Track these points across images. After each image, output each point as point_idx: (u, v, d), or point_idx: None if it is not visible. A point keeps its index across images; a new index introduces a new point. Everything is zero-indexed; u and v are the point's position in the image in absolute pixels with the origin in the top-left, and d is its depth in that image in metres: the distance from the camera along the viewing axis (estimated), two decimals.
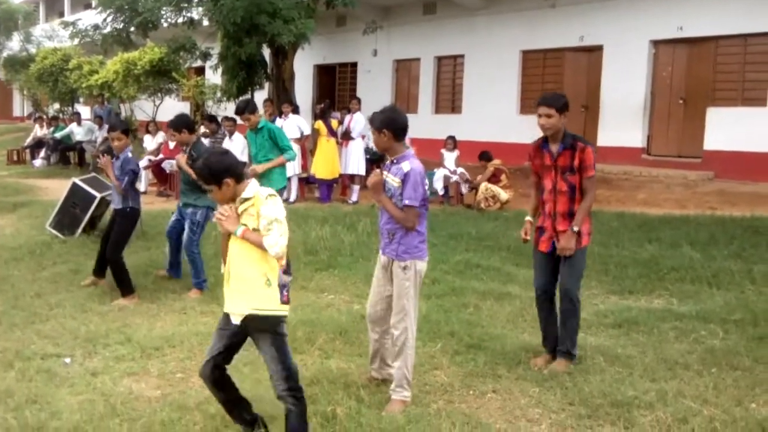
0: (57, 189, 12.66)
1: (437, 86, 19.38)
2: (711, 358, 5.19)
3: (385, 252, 4.43)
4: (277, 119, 13.44)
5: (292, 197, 13.11)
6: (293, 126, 12.85)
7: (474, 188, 12.50)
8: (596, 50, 15.62)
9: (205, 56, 18.99)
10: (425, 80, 19.47)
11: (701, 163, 13.85)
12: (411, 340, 4.40)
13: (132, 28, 18.00)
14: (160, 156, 14.67)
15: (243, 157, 13.27)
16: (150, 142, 15.86)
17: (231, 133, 12.97)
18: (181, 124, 7.12)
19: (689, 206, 11.51)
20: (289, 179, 13.09)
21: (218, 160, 3.69)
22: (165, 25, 18.27)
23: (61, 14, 34.96)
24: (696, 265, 7.77)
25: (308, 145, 13.98)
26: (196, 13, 18.08)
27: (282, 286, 3.71)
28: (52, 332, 5.78)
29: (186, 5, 17.56)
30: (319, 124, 13.34)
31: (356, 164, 13.20)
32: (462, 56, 18.52)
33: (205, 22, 18.37)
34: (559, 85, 16.52)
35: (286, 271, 3.77)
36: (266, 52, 17.75)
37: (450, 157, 13.23)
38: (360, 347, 5.41)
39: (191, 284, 7.19)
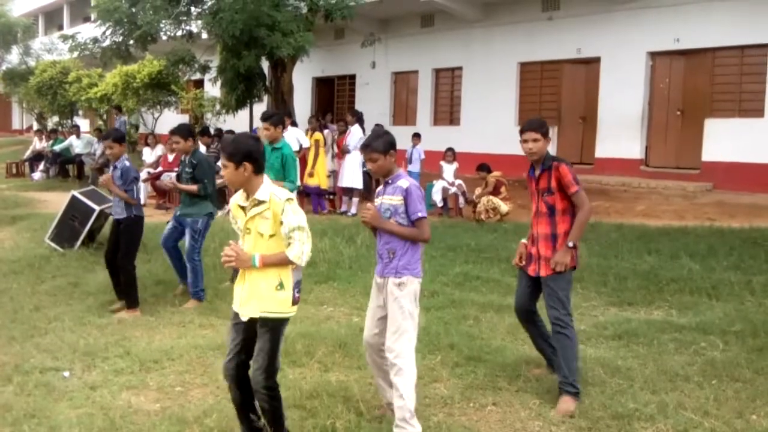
0: (56, 202, 12.67)
1: (435, 98, 19.44)
2: (711, 369, 5.18)
3: (384, 273, 4.26)
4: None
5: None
6: (292, 139, 12.85)
7: (471, 202, 12.51)
8: (594, 62, 15.68)
9: (204, 69, 19.05)
10: (423, 92, 19.52)
11: (699, 174, 13.88)
12: (409, 365, 4.08)
13: (131, 41, 18.02)
14: (159, 169, 14.67)
15: None
16: (149, 154, 15.88)
17: None
18: (186, 131, 7.19)
19: (688, 217, 11.53)
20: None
21: (246, 142, 3.69)
22: (164, 38, 18.32)
23: (60, 27, 35.08)
24: (695, 277, 7.77)
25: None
26: (195, 26, 18.14)
27: (295, 286, 3.73)
28: (50, 346, 5.76)
29: (185, 18, 17.62)
30: (319, 135, 13.41)
31: (352, 177, 13.22)
32: (460, 68, 18.58)
33: (204, 35, 18.43)
34: (557, 96, 16.59)
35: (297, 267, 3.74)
36: (265, 65, 17.81)
37: (449, 169, 13.25)
38: (359, 360, 5.39)
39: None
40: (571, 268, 4.75)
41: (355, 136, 13.30)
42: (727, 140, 13.54)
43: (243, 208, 3.76)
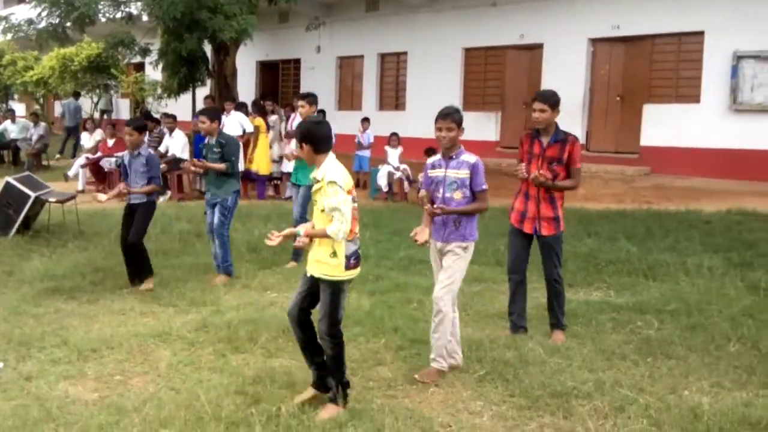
0: None
1: (381, 83, 19.43)
2: (647, 347, 5.33)
3: (449, 239, 4.79)
4: (223, 116, 13.27)
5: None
6: (235, 123, 12.70)
7: (413, 183, 12.55)
8: (536, 48, 15.89)
9: (145, 52, 18.60)
10: (369, 77, 19.49)
11: (638, 158, 14.23)
12: (450, 312, 4.77)
13: (68, 23, 17.46)
14: (99, 154, 14.34)
15: (184, 154, 13.11)
16: (88, 140, 15.47)
17: (171, 130, 12.79)
18: (214, 113, 7.59)
19: (626, 201, 11.80)
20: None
21: (306, 127, 4.29)
22: (103, 20, 17.82)
23: None
24: (633, 258, 7.98)
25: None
26: (134, 8, 17.69)
27: (348, 256, 4.17)
28: None
29: (124, 0, 17.18)
30: (260, 121, 13.23)
31: None
32: (405, 53, 18.61)
33: (145, 18, 18.00)
34: (501, 82, 16.77)
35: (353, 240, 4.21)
36: (208, 49, 17.50)
37: (394, 154, 13.27)
38: None
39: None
40: (562, 232, 5.55)
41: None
42: (665, 125, 13.90)
43: (317, 180, 4.24)
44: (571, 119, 14.90)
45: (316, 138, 4.19)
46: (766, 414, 4.05)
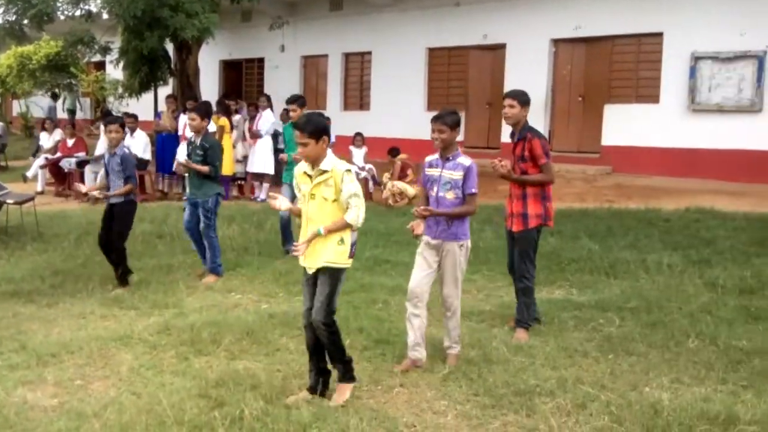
0: None
1: (345, 83, 19.39)
2: (608, 345, 5.41)
3: (442, 237, 4.96)
4: (181, 115, 13.13)
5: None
6: None
7: (380, 184, 12.56)
8: (499, 48, 15.99)
9: (105, 50, 18.30)
10: (333, 77, 19.45)
11: (599, 158, 14.41)
12: (459, 305, 5.15)
13: (25, 21, 17.12)
14: (58, 154, 14.10)
15: (145, 154, 12.94)
16: (47, 140, 15.18)
17: (132, 130, 12.62)
18: (205, 111, 7.65)
19: (588, 200, 11.94)
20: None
21: (321, 120, 4.32)
22: (61, 17, 17.50)
23: None
24: (594, 257, 8.08)
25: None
26: (94, 6, 17.38)
27: (353, 244, 4.36)
28: None
29: None
30: (224, 121, 13.10)
31: (264, 163, 13.00)
32: (369, 53, 18.59)
33: (105, 15, 17.72)
34: (464, 82, 16.84)
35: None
36: (170, 47, 17.29)
37: (358, 154, 13.26)
38: (267, 346, 5.36)
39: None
40: (538, 226, 5.65)
41: (266, 120, 13.08)
42: (625, 125, 14.10)
43: (309, 176, 4.32)
44: (534, 119, 14.90)
45: (328, 131, 4.30)
46: (724, 408, 4.14)
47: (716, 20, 12.95)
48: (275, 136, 12.94)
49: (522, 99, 5.59)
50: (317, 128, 4.22)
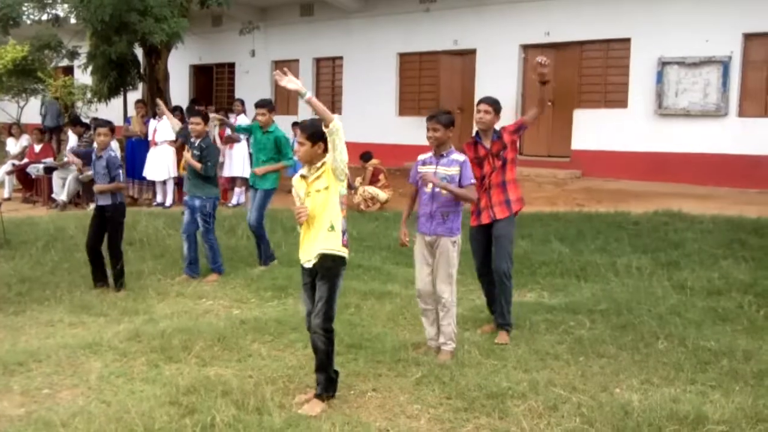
0: None
1: (317, 88, 19.36)
2: (579, 347, 5.46)
3: (437, 232, 5.18)
4: (151, 120, 13.01)
5: (168, 201, 12.75)
6: (168, 128, 12.45)
7: (352, 188, 12.54)
8: (470, 54, 16.09)
9: (73, 55, 18.04)
10: (304, 81, 18.86)
11: (569, 162, 14.55)
12: (454, 302, 5.31)
13: None
14: (25, 160, 13.88)
15: None
16: (13, 145, 14.94)
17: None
18: (206, 117, 8.07)
19: (559, 203, 12.04)
20: (164, 182, 12.76)
21: (321, 126, 4.38)
22: (28, 22, 17.22)
23: None
24: (565, 260, 8.15)
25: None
26: (61, 10, 17.15)
27: (343, 232, 4.43)
28: None
29: (50, 1, 16.64)
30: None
31: (240, 167, 12.93)
32: (341, 58, 18.59)
33: (72, 20, 17.48)
34: (436, 87, 16.90)
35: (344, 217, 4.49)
36: (139, 52, 17.11)
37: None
38: (239, 353, 5.32)
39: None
40: (520, 210, 5.85)
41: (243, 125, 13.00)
42: (594, 130, 14.27)
43: (305, 177, 4.47)
44: (505, 123, 15.16)
45: (326, 139, 4.37)
46: (693, 409, 4.19)
47: (682, 26, 13.16)
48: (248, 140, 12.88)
49: (497, 107, 5.78)
50: (316, 132, 4.40)
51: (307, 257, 4.47)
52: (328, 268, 4.40)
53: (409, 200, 5.56)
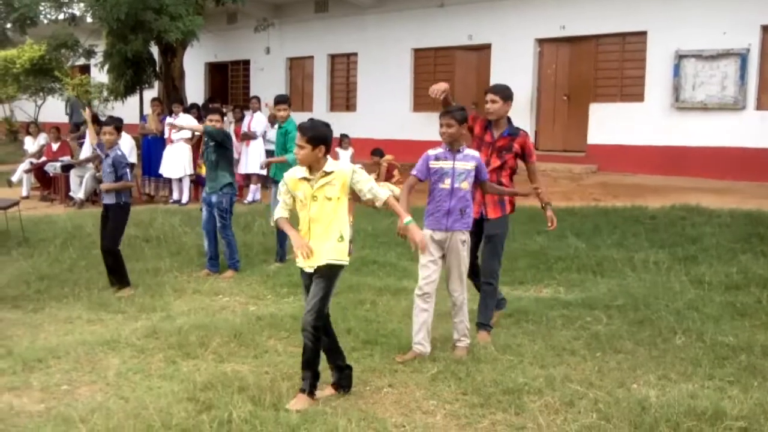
0: None
1: (331, 84, 19.40)
2: (596, 343, 5.43)
3: (453, 228, 5.12)
4: (167, 118, 13.07)
5: (184, 198, 12.81)
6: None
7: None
8: (484, 49, 16.05)
9: (89, 54, 18.19)
10: (319, 78, 19.44)
11: (585, 156, 14.48)
12: (466, 298, 5.28)
13: (8, 25, 16.98)
14: (43, 159, 13.99)
15: (131, 158, 12.85)
16: (31, 144, 15.04)
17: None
18: (223, 113, 8.19)
19: (575, 198, 11.99)
20: (180, 180, 12.83)
21: (323, 130, 4.36)
22: (45, 21, 17.37)
23: None
24: (581, 255, 8.11)
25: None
26: (77, 9, 17.29)
27: (350, 241, 4.41)
28: None
29: (66, 1, 16.77)
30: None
31: (256, 164, 12.95)
32: (355, 54, 18.60)
33: (89, 19, 17.61)
34: (450, 82, 16.78)
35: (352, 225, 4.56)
36: (155, 50, 17.22)
37: (345, 156, 13.25)
38: (255, 349, 5.34)
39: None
40: (513, 209, 5.77)
41: (259, 122, 13.05)
42: (610, 124, 14.18)
43: (307, 180, 4.35)
44: (520, 118, 15.09)
45: (327, 142, 4.36)
46: (711, 404, 4.15)
47: (699, 19, 13.05)
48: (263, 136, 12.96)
49: (504, 94, 5.55)
50: (316, 136, 4.29)
51: (310, 263, 4.37)
52: (330, 269, 4.37)
53: (408, 191, 5.26)
